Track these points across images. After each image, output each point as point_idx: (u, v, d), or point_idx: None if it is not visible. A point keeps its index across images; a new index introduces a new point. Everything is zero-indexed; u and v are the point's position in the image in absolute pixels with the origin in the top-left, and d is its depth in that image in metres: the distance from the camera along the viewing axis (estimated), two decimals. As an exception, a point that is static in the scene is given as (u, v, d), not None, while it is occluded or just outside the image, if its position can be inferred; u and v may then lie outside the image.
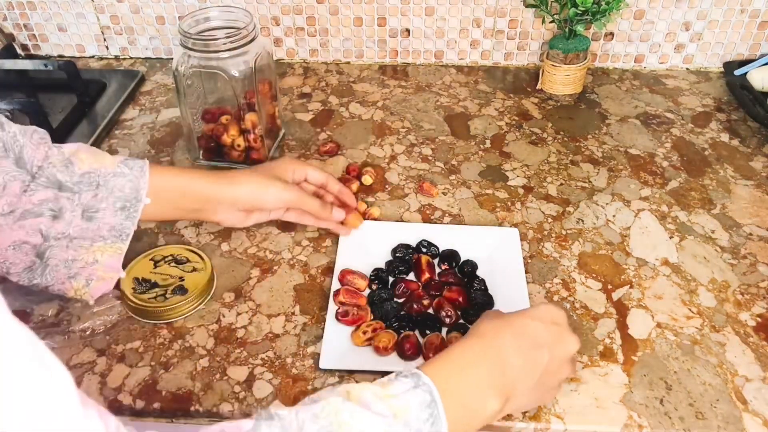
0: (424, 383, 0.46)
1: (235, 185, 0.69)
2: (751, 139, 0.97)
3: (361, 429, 0.42)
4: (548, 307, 0.57)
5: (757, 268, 0.76)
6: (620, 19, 1.08)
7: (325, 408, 0.43)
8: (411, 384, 0.46)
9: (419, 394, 0.45)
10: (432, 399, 0.45)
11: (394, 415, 0.43)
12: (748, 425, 0.60)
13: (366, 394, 0.44)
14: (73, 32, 1.16)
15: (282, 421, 0.42)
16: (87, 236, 0.64)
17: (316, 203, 0.74)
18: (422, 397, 0.45)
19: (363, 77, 1.12)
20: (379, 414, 0.43)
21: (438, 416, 0.45)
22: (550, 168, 0.91)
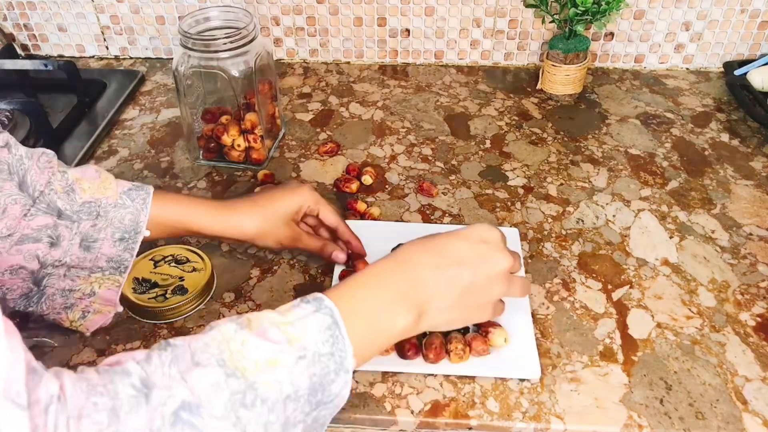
0: (325, 306, 0.46)
1: (237, 226, 0.68)
2: (751, 139, 0.97)
3: (252, 357, 0.42)
4: (479, 226, 0.56)
5: (757, 268, 0.76)
6: (620, 19, 1.08)
7: (217, 337, 0.43)
8: (312, 309, 0.46)
9: (319, 317, 0.45)
10: (333, 321, 0.45)
11: (288, 341, 0.43)
12: (748, 425, 0.60)
13: (264, 321, 0.45)
14: (73, 32, 1.16)
15: (175, 350, 0.42)
16: (85, 266, 0.63)
17: (318, 244, 0.72)
18: (322, 321, 0.45)
19: (363, 77, 1.12)
20: (273, 341, 0.43)
21: (339, 337, 0.45)
22: (550, 168, 0.91)
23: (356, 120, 1.02)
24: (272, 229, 0.69)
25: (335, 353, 0.45)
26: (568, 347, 0.67)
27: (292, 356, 0.43)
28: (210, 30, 0.85)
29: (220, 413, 0.39)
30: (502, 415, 0.61)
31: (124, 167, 0.92)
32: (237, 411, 0.40)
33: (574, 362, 0.65)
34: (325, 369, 0.44)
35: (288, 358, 0.43)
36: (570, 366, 0.65)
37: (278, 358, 0.42)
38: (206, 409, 0.39)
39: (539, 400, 0.62)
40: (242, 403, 0.40)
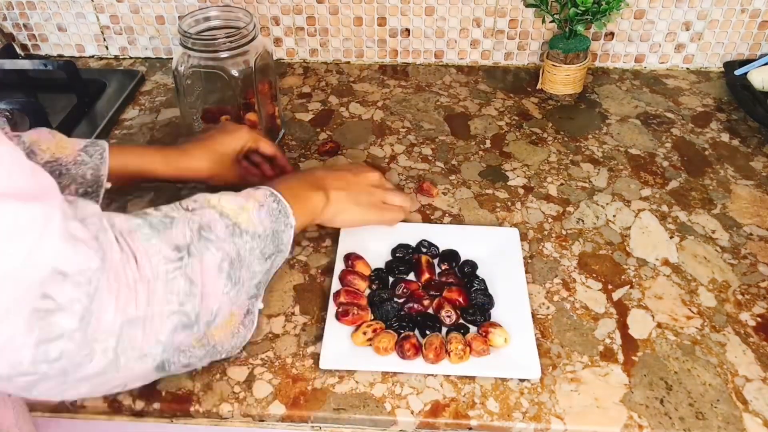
0: (264, 186, 0.60)
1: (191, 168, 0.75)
2: (751, 139, 0.97)
3: (228, 206, 0.55)
4: None
5: (758, 268, 0.76)
6: (620, 18, 1.08)
7: (197, 198, 0.55)
8: (253, 189, 0.59)
9: (263, 190, 0.59)
10: (272, 193, 0.60)
11: (248, 195, 0.57)
12: (748, 425, 0.60)
13: (224, 193, 0.57)
14: (73, 32, 1.16)
15: (169, 206, 0.53)
16: None
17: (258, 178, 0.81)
18: (265, 192, 0.60)
19: (363, 77, 1.12)
20: (240, 197, 0.57)
21: (282, 202, 0.60)
22: (550, 168, 0.91)
23: (356, 120, 1.01)
24: (223, 168, 0.77)
25: (281, 210, 0.59)
26: (568, 347, 0.67)
27: (254, 206, 0.57)
28: (210, 30, 0.85)
29: (222, 235, 0.52)
30: (502, 415, 0.61)
31: (123, 167, 0.92)
32: (231, 238, 0.53)
33: (575, 362, 0.65)
34: (277, 221, 0.58)
35: (252, 206, 0.57)
36: (570, 366, 0.65)
37: (246, 206, 0.56)
38: (214, 233, 0.52)
39: (539, 400, 0.62)
40: (233, 233, 0.53)
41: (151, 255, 0.46)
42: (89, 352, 0.42)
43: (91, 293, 0.41)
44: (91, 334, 0.41)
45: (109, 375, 0.45)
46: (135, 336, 0.44)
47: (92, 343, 0.42)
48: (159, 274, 0.46)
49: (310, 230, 0.81)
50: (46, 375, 0.41)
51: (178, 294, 0.47)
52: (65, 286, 0.39)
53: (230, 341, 0.60)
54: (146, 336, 0.45)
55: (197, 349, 0.55)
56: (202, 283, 0.50)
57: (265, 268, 0.58)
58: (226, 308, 0.53)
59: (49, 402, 0.63)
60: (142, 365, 0.47)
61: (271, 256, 0.58)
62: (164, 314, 0.46)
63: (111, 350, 0.43)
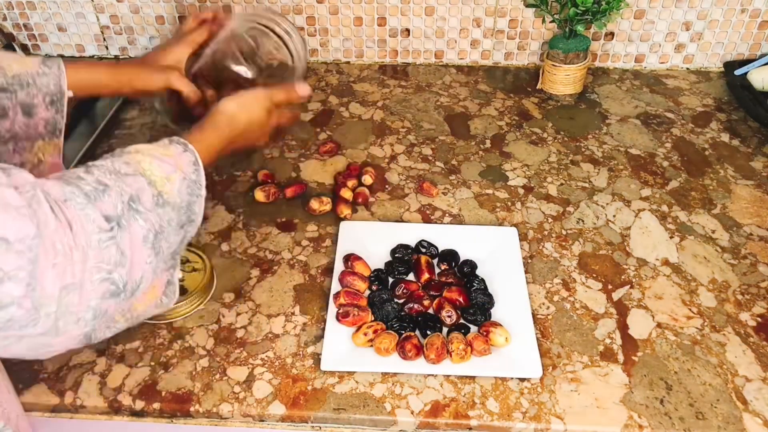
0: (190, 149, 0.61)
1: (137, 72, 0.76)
2: (751, 139, 0.97)
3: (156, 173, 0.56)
4: None
5: (758, 268, 0.76)
6: (620, 18, 1.08)
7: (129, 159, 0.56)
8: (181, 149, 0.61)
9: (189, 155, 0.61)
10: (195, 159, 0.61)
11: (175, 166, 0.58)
12: (748, 425, 0.60)
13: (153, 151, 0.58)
14: (73, 32, 1.16)
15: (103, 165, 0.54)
16: (30, 135, 0.68)
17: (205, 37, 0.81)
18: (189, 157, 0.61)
19: (363, 77, 1.12)
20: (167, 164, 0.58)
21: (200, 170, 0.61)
22: (550, 168, 0.91)
23: (356, 120, 1.01)
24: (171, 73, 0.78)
25: (197, 181, 0.60)
26: (568, 347, 0.67)
27: (178, 176, 0.58)
28: None
29: (149, 206, 0.54)
30: (502, 415, 0.61)
31: (123, 167, 0.92)
32: (156, 209, 0.55)
33: (575, 362, 0.65)
34: (193, 192, 0.60)
35: (176, 177, 0.58)
36: (570, 366, 0.65)
37: (171, 176, 0.58)
38: (142, 204, 0.53)
39: (539, 400, 0.62)
40: (157, 203, 0.55)
41: (85, 223, 0.48)
42: (35, 317, 0.44)
43: (32, 260, 0.42)
44: (37, 299, 0.43)
45: (47, 338, 0.47)
46: (72, 301, 0.46)
47: (39, 309, 0.44)
48: (92, 243, 0.48)
49: (310, 230, 0.81)
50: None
51: (108, 262, 0.49)
52: (9, 255, 0.41)
53: (153, 311, 0.62)
54: (81, 301, 0.47)
55: (121, 323, 0.57)
56: (131, 254, 0.52)
57: (179, 237, 0.60)
58: (149, 277, 0.55)
59: (48, 403, 0.63)
60: (77, 329, 0.49)
61: (184, 226, 0.60)
62: (95, 281, 0.48)
63: (52, 314, 0.45)
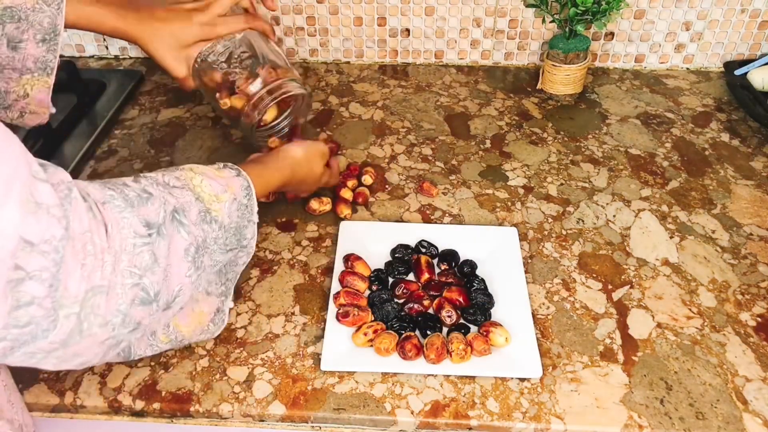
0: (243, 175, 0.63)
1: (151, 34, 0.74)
2: (751, 139, 0.97)
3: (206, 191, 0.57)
4: None
5: (758, 268, 0.76)
6: (620, 18, 1.08)
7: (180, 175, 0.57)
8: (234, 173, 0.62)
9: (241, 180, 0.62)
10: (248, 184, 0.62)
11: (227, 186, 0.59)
12: (748, 425, 0.60)
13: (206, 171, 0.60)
14: (73, 32, 1.15)
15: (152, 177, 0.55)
16: (15, 67, 0.67)
17: None
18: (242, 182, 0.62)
19: (363, 77, 1.12)
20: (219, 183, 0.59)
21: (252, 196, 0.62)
22: (550, 168, 0.91)
23: (356, 120, 1.01)
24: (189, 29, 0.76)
25: (249, 206, 0.61)
26: (568, 347, 0.67)
27: (228, 197, 0.59)
28: None
29: (194, 220, 0.54)
30: (502, 415, 0.61)
31: (123, 167, 0.92)
32: (202, 225, 0.55)
33: (575, 362, 0.65)
34: (243, 215, 0.60)
35: (227, 197, 0.59)
36: (570, 366, 0.65)
37: (221, 196, 0.58)
38: (187, 217, 0.54)
39: (539, 400, 0.62)
40: (204, 220, 0.55)
41: (122, 227, 0.48)
42: (54, 318, 0.43)
43: (57, 261, 0.42)
44: (58, 300, 0.43)
45: (73, 342, 0.46)
46: (98, 303, 0.46)
47: (58, 310, 0.43)
48: (126, 246, 0.48)
49: (310, 230, 0.81)
50: (17, 340, 0.42)
51: (141, 267, 0.49)
52: (33, 256, 0.40)
53: (198, 336, 0.63)
54: (108, 304, 0.47)
55: (164, 343, 0.58)
56: (168, 263, 0.51)
57: (226, 258, 0.61)
58: (187, 292, 0.55)
59: (48, 403, 0.63)
60: (102, 332, 0.48)
61: (233, 250, 0.61)
62: (125, 285, 0.48)
63: (74, 316, 0.44)
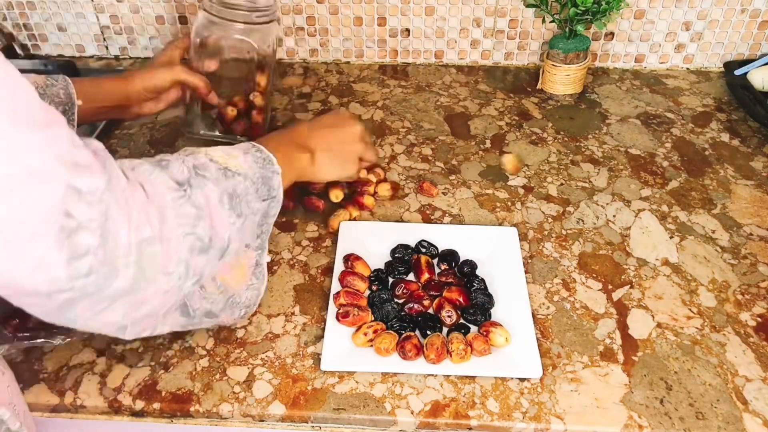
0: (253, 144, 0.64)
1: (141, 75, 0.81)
2: (751, 139, 0.97)
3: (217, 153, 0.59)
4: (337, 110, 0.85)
5: (758, 268, 0.76)
6: (620, 18, 1.08)
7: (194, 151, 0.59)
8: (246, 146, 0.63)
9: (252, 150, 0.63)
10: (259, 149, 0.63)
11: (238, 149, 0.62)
12: (748, 425, 0.60)
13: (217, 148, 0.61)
14: (73, 32, 1.16)
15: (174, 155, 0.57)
16: None
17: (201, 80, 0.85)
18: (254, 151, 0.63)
19: (363, 77, 1.12)
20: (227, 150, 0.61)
21: (268, 156, 0.63)
22: (550, 168, 0.91)
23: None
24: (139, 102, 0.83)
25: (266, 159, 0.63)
26: (568, 347, 0.67)
27: (239, 153, 0.61)
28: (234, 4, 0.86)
29: (216, 175, 0.56)
30: (502, 415, 0.61)
31: (123, 167, 0.92)
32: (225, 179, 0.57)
33: (575, 362, 0.65)
34: (264, 167, 0.62)
35: (238, 153, 0.61)
36: (570, 366, 0.65)
37: (232, 153, 0.60)
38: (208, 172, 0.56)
39: (539, 400, 0.62)
40: (225, 175, 0.57)
41: (156, 185, 0.50)
42: (113, 268, 0.45)
43: (104, 212, 0.43)
44: (111, 251, 0.44)
45: (139, 289, 0.47)
46: (155, 253, 0.48)
47: (114, 261, 0.45)
48: (166, 201, 0.50)
49: (310, 230, 0.81)
50: (83, 290, 0.44)
51: (188, 217, 0.51)
52: (81, 205, 0.42)
53: (245, 293, 0.64)
54: (166, 254, 0.49)
55: (217, 296, 0.59)
56: (209, 211, 0.54)
57: (263, 207, 0.62)
58: (236, 241, 0.58)
59: (48, 403, 0.63)
60: (166, 281, 0.50)
61: (267, 200, 0.62)
62: (179, 236, 0.50)
63: (133, 264, 0.46)
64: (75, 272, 0.43)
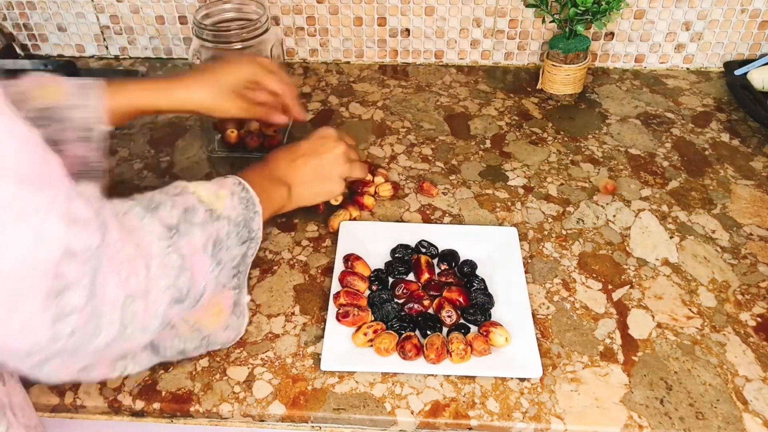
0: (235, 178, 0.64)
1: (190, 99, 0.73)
2: (751, 139, 0.97)
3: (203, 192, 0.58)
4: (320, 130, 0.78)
5: (758, 268, 0.76)
6: (620, 18, 1.08)
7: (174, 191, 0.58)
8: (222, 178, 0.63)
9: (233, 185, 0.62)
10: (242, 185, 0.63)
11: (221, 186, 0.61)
12: (748, 425, 0.60)
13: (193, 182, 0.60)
14: (73, 32, 1.16)
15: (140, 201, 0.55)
16: None
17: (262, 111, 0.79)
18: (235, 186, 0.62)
19: (363, 77, 1.12)
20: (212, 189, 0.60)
21: (251, 194, 0.63)
22: (550, 168, 0.91)
23: (356, 120, 1.01)
24: (222, 100, 0.74)
25: (249, 199, 0.62)
26: (568, 347, 0.67)
27: (226, 193, 0.60)
28: (224, 22, 0.88)
29: (203, 219, 0.56)
30: (502, 415, 0.61)
31: (123, 167, 0.92)
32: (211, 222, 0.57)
33: (575, 362, 0.65)
34: (248, 207, 0.62)
35: (225, 194, 0.60)
36: (570, 366, 0.65)
37: (219, 193, 0.60)
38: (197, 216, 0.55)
39: (539, 400, 0.62)
40: (211, 217, 0.57)
41: (146, 233, 0.50)
42: (97, 325, 0.44)
43: (95, 268, 0.43)
44: (98, 307, 0.44)
45: (116, 346, 0.47)
46: (137, 309, 0.47)
47: (99, 317, 0.44)
48: (154, 251, 0.50)
49: (310, 230, 0.81)
50: (63, 350, 0.43)
51: (173, 268, 0.51)
52: (73, 264, 0.42)
53: (223, 334, 0.63)
54: (147, 308, 0.48)
55: (189, 335, 0.59)
56: (192, 261, 0.53)
57: (242, 251, 0.61)
58: (211, 288, 0.57)
59: (48, 403, 0.63)
60: (143, 337, 0.50)
61: (246, 242, 0.62)
62: (161, 288, 0.49)
63: (117, 322, 0.46)
64: (58, 333, 0.42)
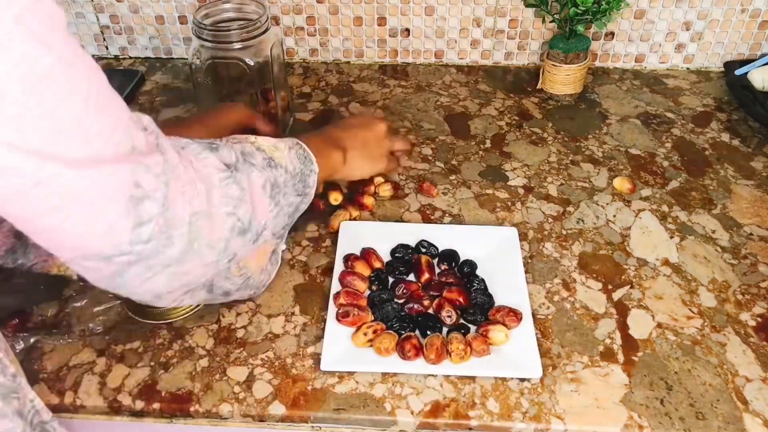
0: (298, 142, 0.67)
1: None
2: (751, 139, 0.97)
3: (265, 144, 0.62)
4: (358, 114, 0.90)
5: (758, 269, 0.76)
6: (621, 18, 1.08)
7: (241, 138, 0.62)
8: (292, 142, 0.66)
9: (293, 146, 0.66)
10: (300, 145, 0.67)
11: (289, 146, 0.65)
12: (748, 425, 0.60)
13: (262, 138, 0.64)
14: (73, 32, 1.15)
15: None
16: None
17: None
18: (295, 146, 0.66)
19: (363, 77, 1.12)
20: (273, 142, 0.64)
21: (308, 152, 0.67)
22: (550, 168, 0.91)
23: (356, 120, 1.01)
24: None
25: (306, 156, 0.66)
26: (568, 347, 0.67)
27: (285, 146, 0.64)
28: (224, 22, 0.87)
29: (261, 164, 0.60)
30: (502, 415, 0.61)
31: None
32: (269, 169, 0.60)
33: (575, 362, 0.65)
34: (304, 164, 0.66)
35: (283, 146, 0.64)
36: (570, 366, 0.65)
37: (278, 145, 0.64)
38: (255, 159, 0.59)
39: (539, 400, 0.62)
40: (269, 165, 0.61)
41: (204, 164, 0.53)
42: (169, 236, 0.48)
43: (166, 182, 0.47)
44: (170, 219, 0.47)
45: (187, 259, 0.51)
46: (203, 226, 0.51)
47: (170, 230, 0.48)
48: (213, 180, 0.53)
49: (310, 230, 0.81)
50: (140, 255, 0.47)
51: (232, 198, 0.54)
52: (149, 176, 0.46)
53: (259, 276, 0.66)
54: (212, 229, 0.52)
55: (237, 278, 0.61)
56: (252, 195, 0.57)
57: (297, 201, 0.65)
58: (270, 228, 0.61)
59: (48, 403, 0.63)
60: (210, 254, 0.53)
61: (301, 195, 0.65)
62: (222, 215, 0.53)
63: (185, 235, 0.49)
64: (137, 237, 0.46)
